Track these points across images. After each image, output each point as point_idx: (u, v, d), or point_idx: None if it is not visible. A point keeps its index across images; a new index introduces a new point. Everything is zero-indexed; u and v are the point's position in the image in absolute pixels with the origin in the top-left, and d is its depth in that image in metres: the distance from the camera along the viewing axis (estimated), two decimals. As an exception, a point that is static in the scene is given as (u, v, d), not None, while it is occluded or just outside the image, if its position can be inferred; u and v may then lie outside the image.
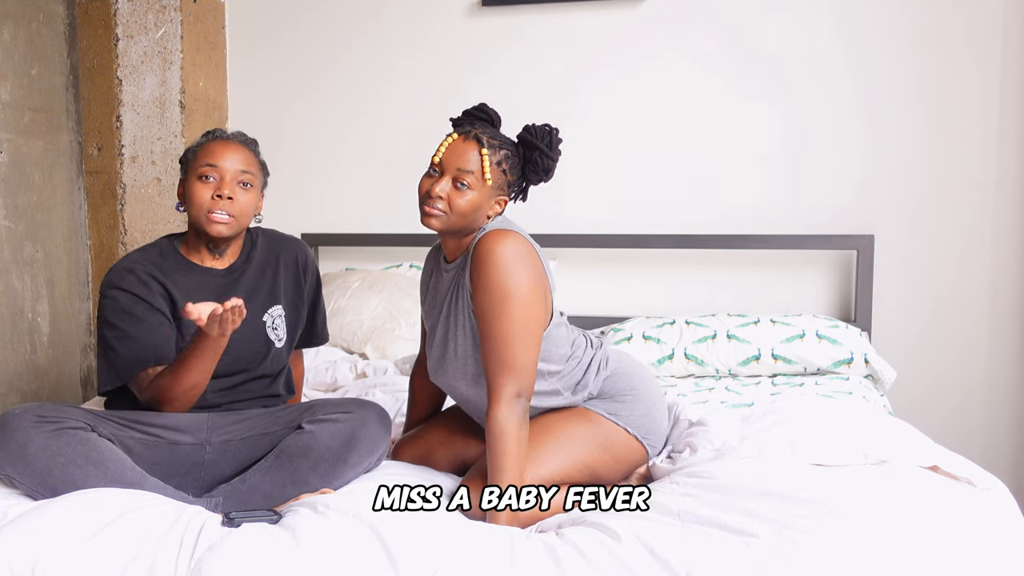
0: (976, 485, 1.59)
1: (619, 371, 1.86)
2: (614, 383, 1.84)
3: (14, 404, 2.91)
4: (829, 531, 1.38)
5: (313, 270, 2.09)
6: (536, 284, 1.70)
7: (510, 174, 1.76)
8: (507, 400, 1.65)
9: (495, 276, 1.66)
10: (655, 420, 1.86)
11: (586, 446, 1.77)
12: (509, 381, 1.66)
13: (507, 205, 1.80)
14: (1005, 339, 2.92)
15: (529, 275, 1.68)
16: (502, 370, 1.66)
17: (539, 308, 1.70)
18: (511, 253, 1.68)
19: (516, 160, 1.77)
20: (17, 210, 2.98)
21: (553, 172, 1.80)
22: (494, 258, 1.67)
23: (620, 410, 1.82)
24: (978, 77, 2.87)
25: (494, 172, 1.72)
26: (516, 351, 1.66)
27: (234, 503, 1.70)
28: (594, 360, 1.84)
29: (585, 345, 1.87)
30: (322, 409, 1.79)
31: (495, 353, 1.66)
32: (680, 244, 3.04)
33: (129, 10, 3.20)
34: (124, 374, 1.83)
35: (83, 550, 1.36)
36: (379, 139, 3.33)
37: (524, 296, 1.67)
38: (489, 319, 1.67)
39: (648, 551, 1.37)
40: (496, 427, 1.63)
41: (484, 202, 1.73)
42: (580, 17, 3.14)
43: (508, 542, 1.42)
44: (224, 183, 1.87)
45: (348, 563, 1.34)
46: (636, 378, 1.87)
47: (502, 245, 1.68)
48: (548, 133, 1.77)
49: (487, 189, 1.73)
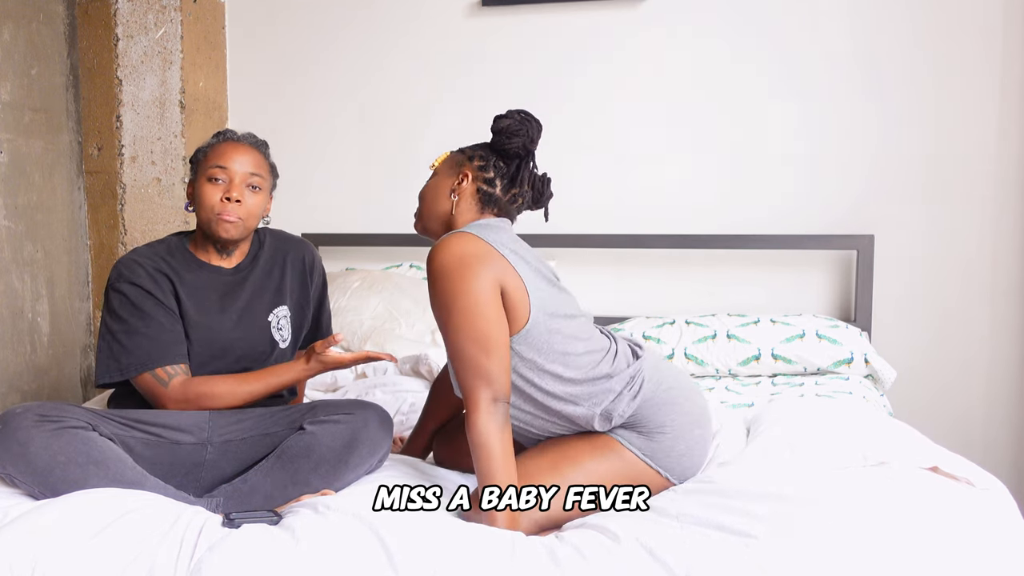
0: (976, 485, 1.59)
1: (655, 399, 1.69)
2: (651, 414, 1.69)
3: (14, 404, 2.91)
4: (828, 532, 1.38)
5: (319, 271, 2.09)
6: (483, 285, 1.60)
7: (469, 151, 1.79)
8: (485, 406, 1.59)
9: (437, 287, 1.62)
10: (692, 459, 1.71)
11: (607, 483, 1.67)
12: (482, 387, 1.59)
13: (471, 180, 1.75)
14: (1005, 339, 2.92)
15: (475, 282, 1.60)
16: (471, 378, 1.60)
17: (488, 311, 1.60)
18: (448, 258, 1.61)
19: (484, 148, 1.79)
20: (17, 210, 2.99)
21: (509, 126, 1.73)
22: (434, 266, 1.63)
23: (656, 451, 1.68)
24: (978, 77, 2.88)
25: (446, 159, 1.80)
26: (480, 360, 1.59)
27: (235, 503, 1.70)
28: (631, 382, 1.69)
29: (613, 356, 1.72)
30: (323, 410, 1.80)
31: (460, 363, 1.60)
32: (680, 244, 3.04)
33: (129, 10, 3.20)
34: (128, 370, 1.83)
35: (83, 550, 1.36)
36: (379, 139, 3.33)
37: (471, 303, 1.59)
38: (445, 331, 1.62)
39: (647, 552, 1.37)
40: (478, 436, 1.58)
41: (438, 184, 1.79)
42: (580, 17, 3.14)
43: (508, 542, 1.42)
44: (233, 185, 1.88)
45: (348, 563, 1.34)
46: (677, 409, 1.70)
47: (439, 253, 1.63)
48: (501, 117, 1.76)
49: (441, 170, 1.79)
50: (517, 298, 1.64)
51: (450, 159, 1.80)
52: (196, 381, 1.83)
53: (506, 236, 1.71)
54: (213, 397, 1.82)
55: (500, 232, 1.71)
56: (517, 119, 1.74)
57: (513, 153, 1.75)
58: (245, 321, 1.94)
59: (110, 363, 1.84)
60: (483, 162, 1.76)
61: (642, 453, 1.68)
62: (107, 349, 1.85)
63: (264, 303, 1.97)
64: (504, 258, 1.65)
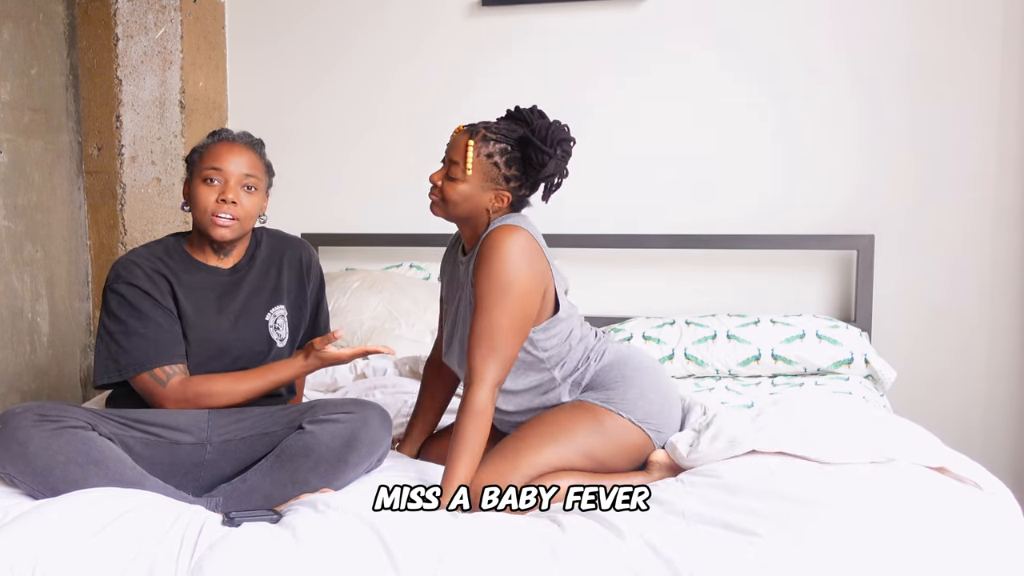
0: (983, 488, 1.58)
1: (612, 362, 1.90)
2: (606, 373, 1.88)
3: (14, 404, 2.91)
4: (833, 531, 1.38)
5: (317, 271, 2.09)
6: (535, 282, 1.77)
7: (504, 168, 1.79)
8: (490, 384, 1.73)
9: (498, 267, 1.73)
10: (651, 402, 1.87)
11: (583, 434, 1.80)
12: (494, 368, 1.73)
13: (509, 201, 1.82)
14: (1005, 339, 2.92)
15: (530, 272, 1.75)
16: (490, 356, 1.73)
17: (534, 305, 1.77)
18: (515, 248, 1.74)
19: (515, 155, 1.80)
20: (17, 210, 2.98)
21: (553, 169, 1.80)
22: (499, 251, 1.74)
23: (612, 396, 1.85)
24: (978, 77, 2.87)
25: (476, 163, 1.77)
26: (508, 341, 1.74)
27: (234, 503, 1.69)
28: (592, 354, 1.90)
29: (590, 340, 1.92)
30: (323, 409, 1.79)
31: (487, 340, 1.73)
32: (680, 244, 3.04)
33: (129, 10, 3.20)
34: (126, 370, 1.83)
35: (83, 550, 1.36)
36: (379, 139, 3.33)
37: (523, 290, 1.74)
38: (487, 307, 1.73)
39: (651, 549, 1.37)
40: (477, 407, 1.70)
41: (475, 194, 1.79)
42: (580, 17, 3.14)
43: (509, 540, 1.42)
44: (228, 187, 1.88)
45: (348, 563, 1.34)
46: (629, 366, 1.90)
47: (507, 240, 1.74)
48: (547, 128, 1.79)
49: (475, 180, 1.79)
50: (549, 293, 1.83)
51: (483, 168, 1.79)
52: (194, 380, 1.83)
53: (538, 233, 1.85)
54: (212, 395, 1.83)
55: (536, 229, 1.84)
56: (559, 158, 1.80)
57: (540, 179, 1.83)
58: (242, 321, 1.94)
59: (108, 364, 1.84)
60: (519, 183, 1.82)
61: (600, 401, 1.84)
62: (105, 350, 1.85)
63: (261, 303, 1.97)
64: (543, 253, 1.82)
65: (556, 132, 1.79)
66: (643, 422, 1.85)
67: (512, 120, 1.83)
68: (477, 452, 1.70)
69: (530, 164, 1.79)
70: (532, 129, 1.79)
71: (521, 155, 1.80)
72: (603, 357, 1.90)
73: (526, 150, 1.78)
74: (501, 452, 1.77)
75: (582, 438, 1.80)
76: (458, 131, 1.83)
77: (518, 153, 1.80)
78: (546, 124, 1.79)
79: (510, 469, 1.73)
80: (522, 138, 1.79)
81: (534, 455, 1.75)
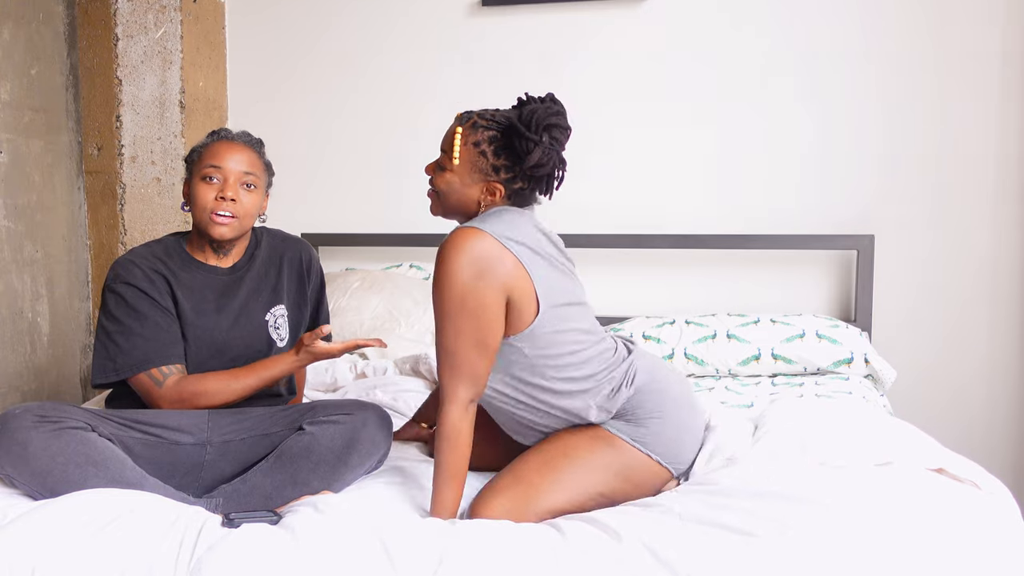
0: (981, 488, 1.58)
1: (647, 387, 1.71)
2: (640, 402, 1.70)
3: (14, 404, 2.91)
4: (831, 532, 1.38)
5: (317, 271, 2.09)
6: (493, 291, 1.58)
7: (492, 157, 1.64)
8: (463, 403, 1.61)
9: (445, 279, 1.58)
10: (683, 444, 1.73)
11: (603, 475, 1.67)
12: (467, 386, 1.61)
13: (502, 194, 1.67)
14: (1005, 339, 2.92)
15: (482, 283, 1.57)
16: (455, 374, 1.60)
17: (495, 318, 1.59)
18: (465, 256, 1.57)
19: (503, 142, 1.64)
20: (17, 210, 2.98)
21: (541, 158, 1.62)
22: (447, 260, 1.58)
23: (646, 436, 1.69)
24: (978, 77, 2.87)
25: (463, 152, 1.64)
26: (470, 358, 1.59)
27: (234, 504, 1.69)
28: (626, 374, 1.71)
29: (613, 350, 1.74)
30: (323, 410, 1.79)
31: (448, 358, 1.60)
32: (680, 244, 3.04)
33: (129, 10, 3.20)
34: (124, 370, 1.83)
35: (83, 550, 1.36)
36: (380, 139, 3.33)
37: (476, 304, 1.57)
38: (441, 324, 1.60)
39: (649, 551, 1.37)
40: (451, 430, 1.60)
41: (464, 185, 1.66)
42: (580, 17, 3.14)
43: (509, 544, 1.42)
44: (228, 185, 1.88)
45: (348, 563, 1.34)
46: (666, 395, 1.73)
47: (458, 246, 1.58)
48: (533, 113, 1.61)
49: (463, 170, 1.65)
50: (524, 299, 1.63)
51: (471, 158, 1.65)
52: (188, 380, 1.83)
53: (518, 230, 1.65)
54: (207, 394, 1.82)
55: (513, 226, 1.65)
56: (547, 145, 1.63)
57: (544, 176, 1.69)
58: (242, 321, 1.94)
59: (106, 363, 1.84)
60: (510, 174, 1.66)
61: (632, 440, 1.69)
62: (103, 350, 1.85)
63: (261, 302, 1.97)
64: (513, 255, 1.61)
65: (543, 117, 1.61)
66: (671, 463, 1.72)
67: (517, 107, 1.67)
68: (460, 475, 1.61)
69: (515, 153, 1.63)
70: (519, 114, 1.63)
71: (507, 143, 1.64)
72: (634, 380, 1.71)
73: (511, 137, 1.63)
74: (514, 488, 1.64)
75: (602, 482, 1.66)
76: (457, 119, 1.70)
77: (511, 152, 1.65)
78: (533, 108, 1.62)
79: (521, 510, 1.60)
80: (509, 125, 1.63)
81: (549, 497, 1.63)
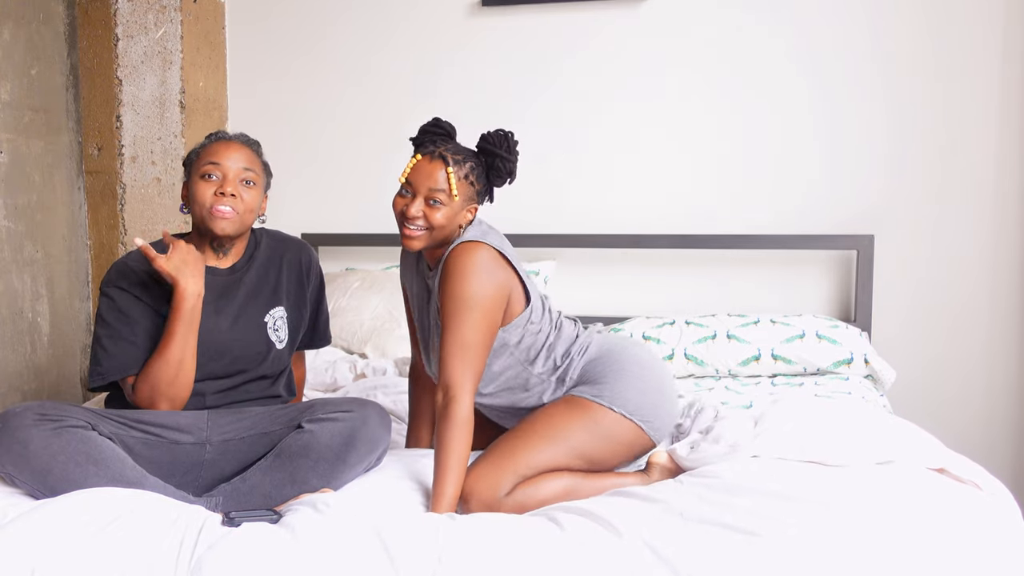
0: (983, 489, 1.58)
1: (601, 355, 1.91)
2: (594, 367, 1.89)
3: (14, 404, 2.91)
4: (832, 531, 1.38)
5: (316, 272, 2.08)
6: (499, 293, 1.81)
7: (477, 183, 1.85)
8: (469, 394, 1.75)
9: (462, 286, 1.77)
10: (641, 392, 1.86)
11: (577, 433, 1.81)
12: (470, 379, 1.76)
13: (477, 211, 1.88)
14: (1005, 339, 2.92)
15: (493, 286, 1.79)
16: (465, 368, 1.75)
17: (499, 315, 1.82)
18: (478, 266, 1.78)
19: (481, 170, 1.86)
20: (17, 210, 2.98)
21: (515, 173, 1.89)
22: (463, 269, 1.78)
23: (603, 391, 1.85)
24: (978, 77, 2.87)
25: (461, 187, 1.81)
26: (479, 352, 1.78)
27: (234, 502, 1.69)
28: (575, 348, 1.91)
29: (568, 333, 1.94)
30: (322, 408, 1.79)
31: (460, 354, 1.76)
32: (680, 244, 3.04)
33: (129, 10, 3.20)
34: (110, 374, 1.83)
35: (83, 550, 1.36)
36: (380, 139, 3.32)
37: (488, 305, 1.78)
38: (456, 324, 1.76)
39: (650, 549, 1.37)
40: (460, 418, 1.71)
41: (455, 215, 1.83)
42: (580, 17, 3.14)
43: (508, 540, 1.42)
44: (227, 181, 1.88)
45: (348, 563, 1.34)
46: (620, 359, 1.90)
47: (470, 258, 1.79)
48: (504, 138, 1.86)
49: (460, 203, 1.82)
50: (515, 295, 1.86)
51: (464, 191, 1.83)
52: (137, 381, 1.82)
53: (498, 239, 1.87)
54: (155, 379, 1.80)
55: (494, 236, 1.87)
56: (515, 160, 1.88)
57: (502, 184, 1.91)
58: (241, 322, 1.94)
59: (95, 367, 1.85)
60: (485, 195, 1.90)
61: (592, 396, 1.85)
62: (93, 354, 1.86)
63: (260, 304, 1.97)
64: (506, 260, 1.83)
65: (512, 139, 1.87)
66: (634, 414, 1.84)
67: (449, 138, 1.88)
68: (464, 461, 1.71)
69: (497, 174, 1.86)
70: (490, 142, 1.85)
71: (486, 167, 1.86)
72: (587, 351, 1.92)
73: (492, 161, 1.85)
74: (496, 451, 1.79)
75: (576, 437, 1.81)
76: (420, 159, 1.83)
77: (482, 168, 1.86)
78: (500, 135, 1.86)
79: (505, 469, 1.74)
80: (481, 150, 1.86)
81: (528, 455, 1.77)
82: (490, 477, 1.73)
